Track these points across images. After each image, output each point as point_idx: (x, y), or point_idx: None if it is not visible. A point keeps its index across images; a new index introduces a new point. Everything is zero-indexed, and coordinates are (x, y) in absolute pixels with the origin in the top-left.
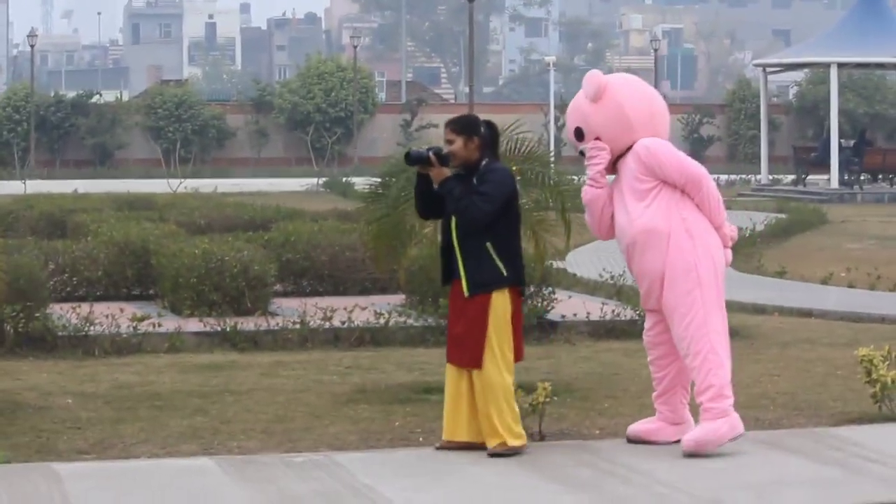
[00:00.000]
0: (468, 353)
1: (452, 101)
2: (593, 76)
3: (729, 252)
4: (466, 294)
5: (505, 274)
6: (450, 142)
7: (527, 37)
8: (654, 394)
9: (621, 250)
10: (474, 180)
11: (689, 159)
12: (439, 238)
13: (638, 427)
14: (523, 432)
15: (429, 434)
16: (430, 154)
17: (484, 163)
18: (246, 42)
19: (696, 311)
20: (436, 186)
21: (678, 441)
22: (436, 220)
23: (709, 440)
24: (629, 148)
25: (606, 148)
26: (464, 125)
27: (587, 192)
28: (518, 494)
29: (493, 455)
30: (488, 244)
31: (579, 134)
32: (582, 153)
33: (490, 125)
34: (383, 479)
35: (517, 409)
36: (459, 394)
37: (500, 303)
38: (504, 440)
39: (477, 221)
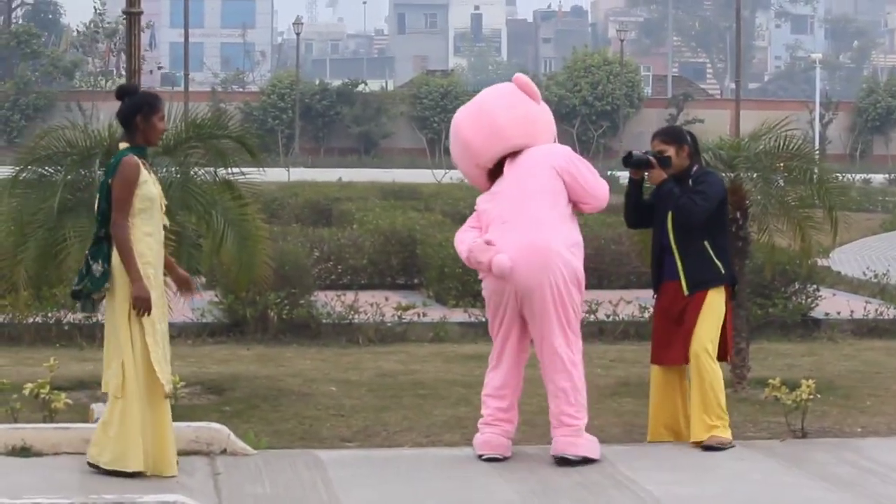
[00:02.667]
0: (684, 350)
1: (718, 97)
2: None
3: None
4: (686, 293)
5: (723, 272)
6: (661, 152)
7: (792, 33)
8: None
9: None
10: (690, 183)
11: None
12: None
13: None
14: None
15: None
16: (651, 157)
17: (695, 169)
18: (512, 34)
19: None
20: (652, 184)
21: None
22: (643, 229)
23: None
24: None
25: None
26: (674, 135)
27: None
28: (779, 491)
29: (708, 448)
30: (706, 243)
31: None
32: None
33: (692, 135)
34: (645, 472)
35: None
36: (667, 395)
37: (717, 300)
38: (714, 433)
39: (697, 217)
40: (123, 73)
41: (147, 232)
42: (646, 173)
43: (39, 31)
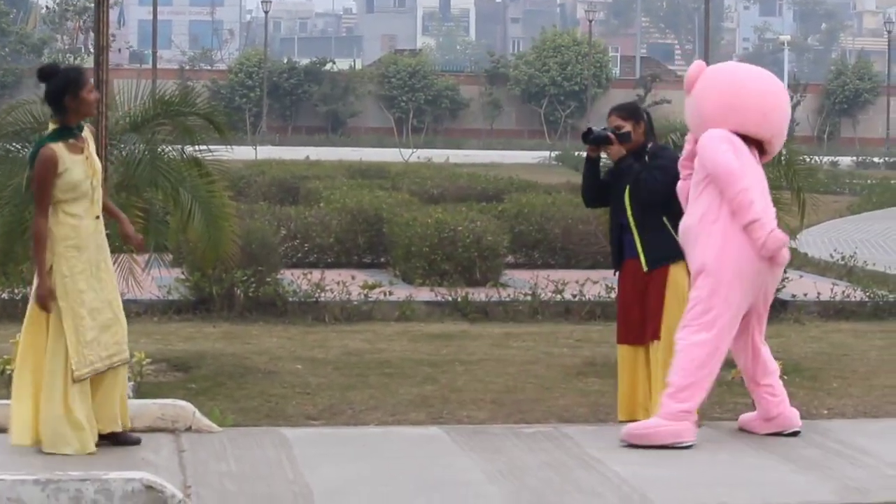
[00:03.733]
0: (649, 327)
1: None
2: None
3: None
4: (646, 269)
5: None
6: (618, 127)
7: (761, 16)
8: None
9: None
10: (647, 159)
11: (723, 154)
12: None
13: (744, 418)
14: None
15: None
16: (611, 133)
17: (650, 145)
18: (480, 13)
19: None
20: (611, 160)
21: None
22: (600, 207)
23: (643, 434)
24: None
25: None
26: (631, 111)
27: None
28: (748, 473)
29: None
30: (664, 219)
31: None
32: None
33: (647, 112)
34: (612, 453)
35: None
36: (636, 374)
37: (679, 275)
38: None
39: (657, 193)
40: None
41: (74, 214)
42: (604, 150)
43: (7, 7)
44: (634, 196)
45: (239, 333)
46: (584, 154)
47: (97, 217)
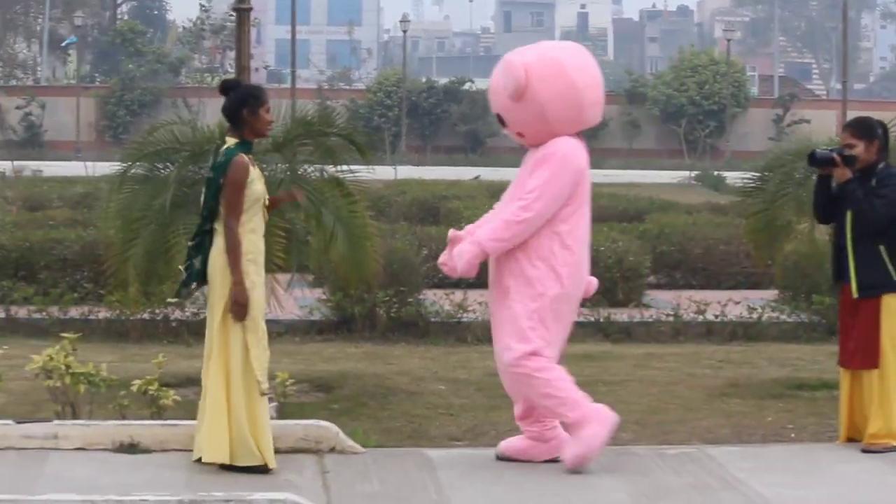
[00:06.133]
0: (861, 355)
1: (824, 98)
2: (512, 67)
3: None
4: (855, 295)
5: (895, 278)
6: (850, 146)
7: None
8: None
9: None
10: (873, 182)
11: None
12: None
13: (507, 445)
14: None
15: (800, 430)
16: (836, 155)
17: (881, 166)
18: (617, 33)
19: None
20: (834, 186)
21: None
22: (828, 223)
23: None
24: None
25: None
26: (865, 128)
27: None
28: (890, 494)
29: (866, 451)
30: (881, 247)
31: (501, 120)
32: None
33: (884, 127)
34: (755, 474)
35: None
36: (852, 397)
37: (893, 306)
38: (889, 441)
39: (876, 224)
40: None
41: (251, 229)
42: (829, 171)
43: (145, 27)
44: (855, 221)
45: (381, 354)
46: (730, 175)
47: (262, 234)
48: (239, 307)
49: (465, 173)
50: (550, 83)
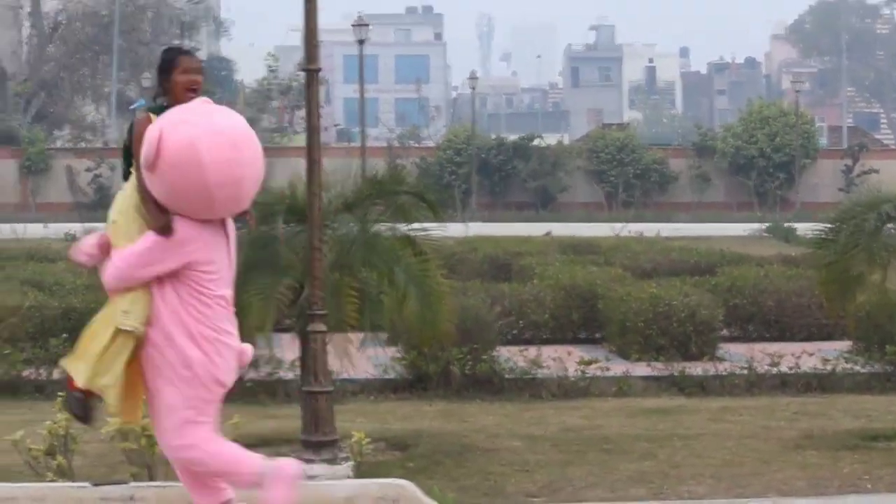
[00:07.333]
0: None
1: (894, 147)
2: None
3: None
4: None
5: None
6: None
7: None
8: None
9: None
10: None
11: None
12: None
13: None
14: None
15: (877, 481)
16: None
17: None
18: (686, 86)
19: None
20: None
21: None
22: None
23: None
24: None
25: None
26: None
27: None
28: None
29: None
30: None
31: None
32: None
33: None
34: None
35: None
36: None
37: None
38: None
39: None
40: (298, 129)
41: None
42: None
43: (213, 88)
44: None
45: (456, 411)
46: (801, 225)
47: None
48: None
49: (536, 229)
50: (181, 171)
